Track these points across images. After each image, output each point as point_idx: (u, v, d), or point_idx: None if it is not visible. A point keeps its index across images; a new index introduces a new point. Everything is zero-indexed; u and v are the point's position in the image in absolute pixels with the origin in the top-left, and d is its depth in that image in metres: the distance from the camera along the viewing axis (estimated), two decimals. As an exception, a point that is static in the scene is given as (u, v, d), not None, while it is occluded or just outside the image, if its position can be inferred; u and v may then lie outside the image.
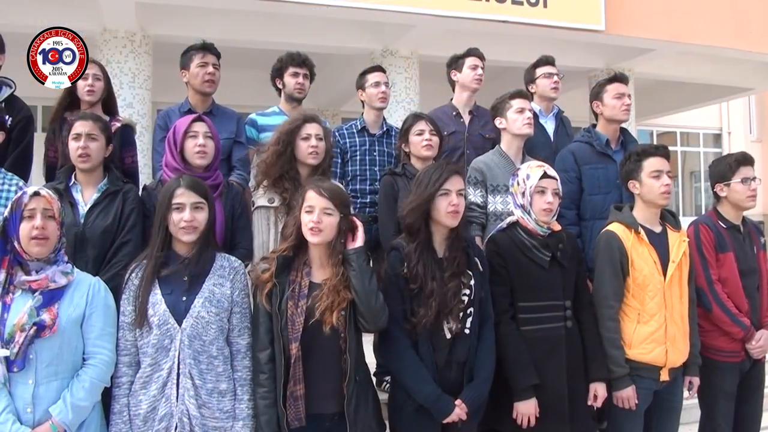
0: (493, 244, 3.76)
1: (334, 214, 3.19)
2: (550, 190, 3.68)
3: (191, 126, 3.82)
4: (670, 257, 3.87)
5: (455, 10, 7.91)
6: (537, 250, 3.67)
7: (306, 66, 5.07)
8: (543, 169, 3.72)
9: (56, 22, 7.75)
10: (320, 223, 3.16)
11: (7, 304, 2.96)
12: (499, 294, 3.64)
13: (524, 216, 3.73)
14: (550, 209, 3.67)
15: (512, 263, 3.66)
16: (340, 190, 3.34)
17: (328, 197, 3.18)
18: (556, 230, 3.78)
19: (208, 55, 4.73)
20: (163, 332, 3.08)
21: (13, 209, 2.99)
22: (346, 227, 3.26)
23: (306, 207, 3.22)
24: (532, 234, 3.71)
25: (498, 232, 3.81)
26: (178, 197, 3.18)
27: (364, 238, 3.29)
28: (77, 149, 3.72)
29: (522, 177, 3.75)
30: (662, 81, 11.19)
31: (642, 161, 3.92)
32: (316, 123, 4.04)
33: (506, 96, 4.50)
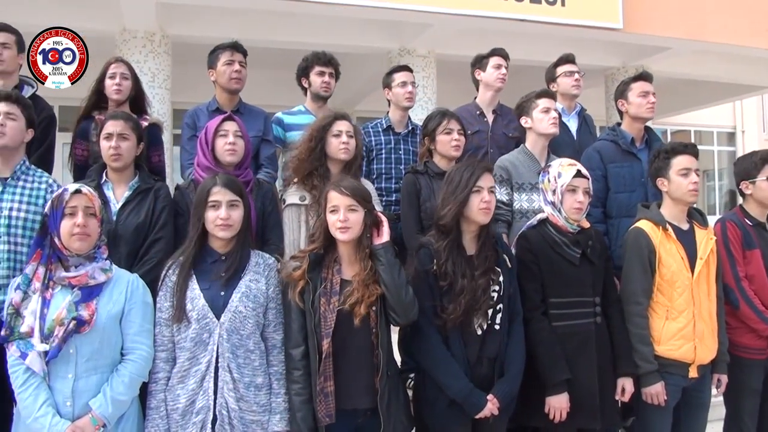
0: (525, 241, 3.79)
1: (358, 210, 3.23)
2: (581, 188, 3.71)
3: (222, 125, 3.87)
4: (697, 254, 3.90)
5: (473, 9, 7.93)
6: (567, 247, 3.70)
7: (332, 65, 5.12)
8: (576, 167, 3.74)
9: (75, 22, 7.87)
10: (347, 220, 3.20)
11: (47, 300, 3.00)
12: (531, 290, 3.67)
13: (554, 213, 3.76)
14: (581, 208, 3.70)
15: (543, 260, 3.70)
16: (361, 186, 3.38)
17: (350, 195, 3.22)
18: (585, 227, 3.80)
19: (235, 53, 4.75)
20: (202, 326, 3.12)
21: (54, 206, 3.03)
22: (371, 222, 3.29)
23: (330, 207, 3.26)
24: (562, 231, 3.74)
25: (528, 229, 3.84)
26: (214, 195, 3.22)
27: (389, 233, 3.32)
28: (109, 148, 3.77)
29: (553, 175, 3.78)
30: (677, 79, 11.17)
31: (671, 159, 3.94)
32: (346, 120, 4.10)
33: (532, 95, 4.52)
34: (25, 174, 3.76)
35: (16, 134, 3.71)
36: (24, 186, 3.72)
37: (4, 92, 3.82)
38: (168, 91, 8.29)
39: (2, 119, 3.66)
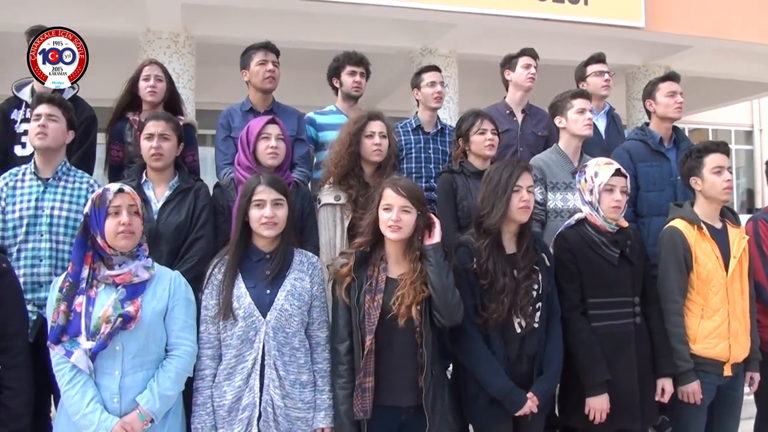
0: (563, 240, 3.80)
1: (411, 211, 3.25)
2: (618, 187, 3.72)
3: (265, 128, 3.91)
4: (731, 253, 3.91)
5: (497, 8, 7.92)
6: (606, 247, 3.71)
7: (362, 65, 5.16)
8: (613, 166, 3.76)
9: (99, 23, 7.98)
10: (399, 221, 3.22)
11: (91, 298, 3.03)
12: (570, 290, 3.69)
13: (592, 213, 3.77)
14: (619, 207, 3.71)
15: (582, 259, 3.71)
16: (417, 187, 3.39)
17: (406, 196, 3.24)
18: (623, 227, 3.82)
19: (269, 53, 4.79)
20: (249, 324, 3.16)
21: (97, 206, 3.06)
22: (423, 224, 3.31)
23: (384, 205, 3.28)
24: (601, 230, 3.75)
25: (567, 229, 3.85)
26: (258, 194, 3.26)
27: (440, 235, 3.34)
28: (150, 149, 3.82)
29: (590, 174, 3.79)
30: (697, 78, 11.15)
31: (703, 158, 3.96)
32: (380, 121, 4.14)
33: (567, 95, 4.53)
34: (66, 174, 3.84)
35: (57, 136, 3.79)
36: (65, 186, 3.80)
37: (46, 95, 3.91)
38: (192, 92, 8.31)
39: (44, 121, 3.74)
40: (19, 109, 4.55)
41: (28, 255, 3.64)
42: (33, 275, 3.64)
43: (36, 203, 3.70)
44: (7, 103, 4.62)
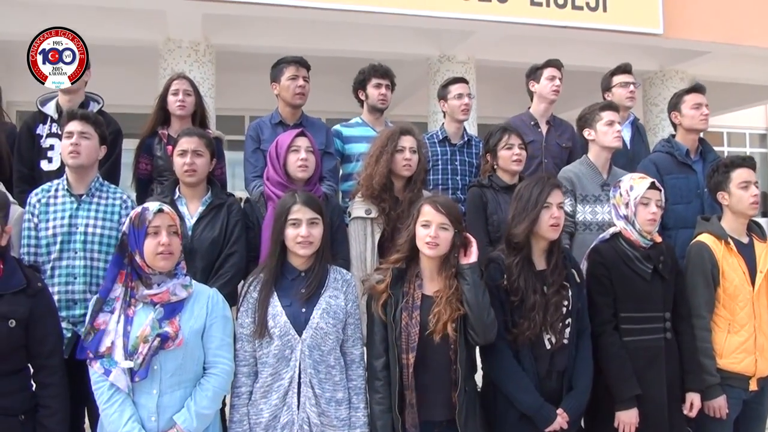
0: (597, 255, 3.81)
1: (449, 229, 3.27)
2: (654, 201, 3.73)
3: (294, 140, 3.93)
4: (757, 268, 3.92)
5: (516, 16, 7.94)
6: (639, 262, 3.72)
7: (388, 77, 5.16)
8: (648, 180, 3.78)
9: (120, 33, 8.03)
10: (437, 237, 3.24)
11: (129, 317, 3.05)
12: (603, 304, 3.70)
13: (627, 227, 3.78)
14: (654, 219, 3.72)
15: (615, 274, 3.72)
16: (455, 205, 3.41)
17: (445, 213, 3.26)
18: (657, 242, 3.83)
19: (300, 68, 4.79)
20: (284, 343, 3.18)
21: (136, 225, 3.07)
22: (459, 242, 3.33)
23: (422, 221, 3.29)
24: (635, 245, 3.76)
25: (601, 243, 3.87)
26: (294, 213, 3.27)
27: (477, 254, 3.36)
28: (183, 165, 3.85)
29: (625, 188, 3.81)
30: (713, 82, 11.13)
31: (730, 172, 3.96)
32: (411, 136, 4.14)
33: (596, 107, 4.54)
34: (99, 190, 3.85)
35: (90, 153, 3.80)
36: (99, 203, 3.81)
37: (78, 111, 3.91)
38: (213, 100, 8.37)
39: (76, 139, 3.75)
40: (44, 124, 4.54)
41: (62, 273, 3.66)
42: (67, 293, 3.66)
43: (70, 220, 3.71)
44: (32, 118, 4.62)
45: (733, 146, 16.14)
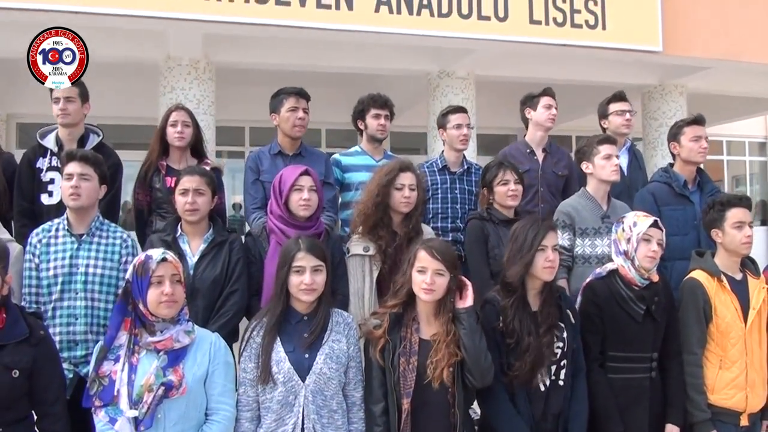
0: (591, 292, 3.84)
1: (445, 274, 3.29)
2: (655, 239, 3.75)
3: (298, 179, 3.93)
4: (750, 304, 3.95)
5: (516, 35, 7.93)
6: (633, 303, 3.74)
7: (387, 107, 5.19)
8: (653, 218, 3.80)
9: (120, 51, 8.03)
10: (433, 284, 3.26)
11: (133, 365, 3.06)
12: (592, 342, 3.74)
13: (625, 264, 3.80)
14: (654, 257, 3.74)
15: (607, 314, 3.75)
16: (450, 249, 3.43)
17: (440, 259, 3.27)
18: (654, 281, 3.84)
19: (300, 99, 4.79)
20: (288, 389, 3.19)
21: (140, 274, 3.08)
22: (455, 285, 3.35)
23: (418, 267, 3.31)
24: (630, 284, 3.78)
25: (596, 280, 3.88)
26: (298, 260, 3.29)
27: (473, 297, 3.38)
28: (185, 204, 3.86)
29: (628, 224, 3.83)
30: (713, 95, 11.17)
31: (725, 211, 3.98)
32: (410, 172, 4.15)
33: (594, 141, 4.56)
34: (99, 230, 3.86)
35: (90, 194, 3.82)
36: (99, 242, 3.82)
37: (78, 152, 3.92)
38: (213, 117, 8.35)
39: (76, 181, 3.76)
40: (44, 157, 4.56)
41: (63, 314, 3.68)
42: (69, 333, 3.67)
43: (70, 261, 3.72)
44: (32, 151, 4.63)
45: (732, 155, 16.14)
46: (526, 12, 7.95)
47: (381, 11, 7.47)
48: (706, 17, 8.76)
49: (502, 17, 7.86)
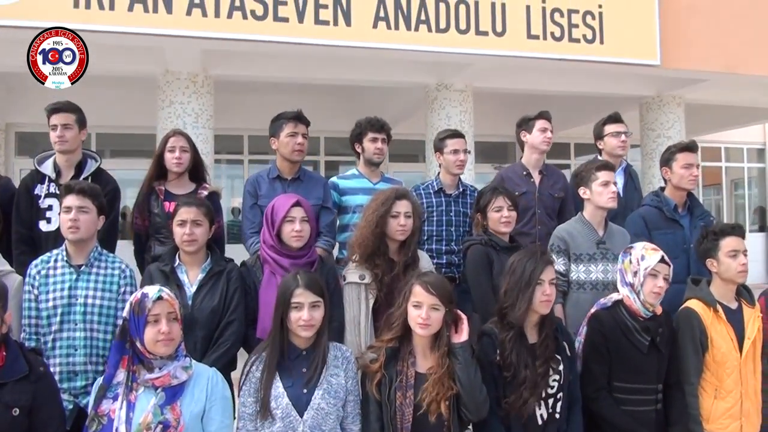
0: (597, 323, 3.87)
1: (440, 308, 3.33)
2: (662, 275, 3.78)
3: (290, 211, 3.96)
4: (745, 334, 3.98)
5: (513, 50, 7.95)
6: (638, 333, 3.78)
7: (384, 131, 5.21)
8: (660, 253, 3.82)
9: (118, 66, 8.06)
10: (429, 318, 3.30)
11: (131, 403, 3.08)
12: (598, 372, 3.78)
13: (630, 295, 3.84)
14: (660, 293, 3.78)
15: (613, 344, 3.79)
16: (446, 284, 3.45)
17: (436, 294, 3.31)
18: (657, 313, 3.88)
19: (299, 124, 4.82)
20: (286, 424, 3.22)
21: (136, 312, 3.10)
22: (450, 319, 3.39)
23: (414, 302, 3.35)
24: (635, 315, 3.82)
25: (602, 310, 3.91)
26: (296, 297, 3.32)
27: (468, 331, 3.41)
28: (183, 235, 3.88)
29: (636, 257, 3.85)
30: (711, 105, 11.20)
31: (719, 240, 4.01)
32: (406, 200, 4.17)
33: (592, 167, 4.58)
34: (98, 260, 3.87)
35: (89, 226, 3.83)
36: (98, 273, 3.83)
37: (76, 185, 3.91)
38: (211, 131, 8.38)
39: (75, 214, 3.77)
40: (42, 184, 4.57)
41: (63, 344, 3.69)
42: (68, 364, 3.68)
43: (69, 292, 3.73)
44: (30, 178, 4.65)
45: (731, 161, 16.15)
46: (523, 27, 7.98)
47: (379, 27, 7.50)
48: (703, 31, 8.77)
49: (499, 32, 7.88)
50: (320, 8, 7.31)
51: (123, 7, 6.75)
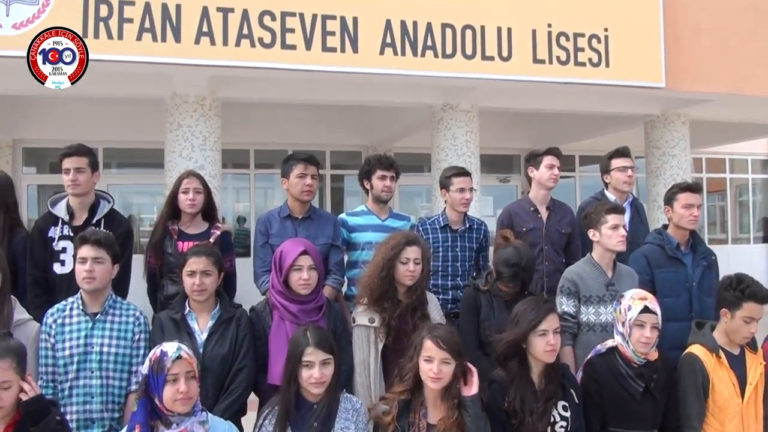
0: (591, 369, 3.94)
1: (451, 362, 3.40)
2: (649, 324, 3.83)
3: (297, 259, 4.02)
4: (747, 379, 4.03)
5: (519, 74, 7.99)
6: (632, 380, 3.85)
7: (393, 168, 5.26)
8: (644, 303, 3.86)
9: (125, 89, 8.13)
10: (440, 372, 3.38)
11: None
12: (592, 418, 3.84)
13: (623, 343, 3.90)
14: (648, 343, 3.82)
15: (607, 391, 3.85)
16: (455, 338, 3.53)
17: (446, 349, 3.39)
18: (652, 359, 3.93)
19: (309, 166, 4.90)
20: None
21: (155, 371, 3.17)
22: (460, 372, 3.46)
23: (425, 356, 3.43)
24: (629, 362, 3.88)
25: (596, 356, 3.98)
26: (307, 356, 3.41)
27: (478, 384, 3.48)
28: (193, 285, 3.95)
29: (623, 307, 3.92)
30: (716, 122, 11.22)
31: (741, 302, 3.98)
32: (416, 246, 4.21)
33: (602, 209, 4.61)
34: (113, 308, 3.94)
35: (104, 276, 3.90)
36: (113, 321, 3.90)
37: (90, 236, 3.96)
38: (219, 153, 8.41)
39: (90, 265, 3.83)
40: (55, 226, 4.64)
41: (79, 392, 3.75)
42: (85, 412, 3.75)
43: (85, 340, 3.80)
44: (43, 221, 4.72)
45: (735, 172, 16.18)
46: (529, 51, 8.00)
47: (386, 53, 7.53)
48: (708, 53, 8.80)
49: (505, 56, 7.91)
50: (327, 35, 7.35)
51: (132, 36, 6.79)
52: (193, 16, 6.98)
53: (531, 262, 4.43)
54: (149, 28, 6.84)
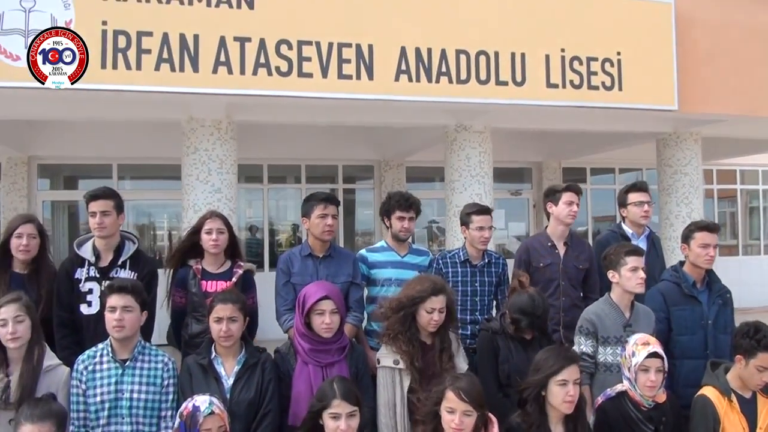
0: (602, 414, 4.04)
1: (472, 414, 3.48)
2: (653, 368, 3.92)
3: (318, 303, 4.10)
4: (757, 423, 4.10)
5: (533, 99, 8.05)
6: (642, 423, 3.95)
7: (413, 209, 5.33)
8: (648, 349, 3.95)
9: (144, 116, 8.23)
10: (462, 423, 3.46)
11: None
12: None
13: (631, 388, 4.00)
14: (653, 387, 3.92)
15: None
16: (478, 389, 3.60)
17: (468, 401, 3.48)
18: (660, 401, 4.02)
19: (329, 206, 4.99)
20: None
21: (188, 425, 3.28)
22: (482, 422, 3.54)
23: (447, 407, 3.52)
24: (638, 405, 3.97)
25: (607, 400, 4.09)
26: (334, 408, 3.50)
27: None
28: (219, 331, 4.03)
29: (628, 352, 4.02)
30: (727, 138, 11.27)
31: (757, 352, 4.05)
32: (442, 296, 4.22)
33: (621, 251, 4.67)
34: (141, 354, 4.03)
35: (133, 324, 3.98)
36: (143, 367, 3.98)
37: (119, 285, 4.04)
38: (235, 176, 8.49)
39: (119, 314, 3.92)
40: (81, 268, 4.72)
41: (111, 438, 3.85)
42: (117, 457, 3.85)
43: (116, 387, 3.89)
44: (69, 262, 4.80)
45: (746, 184, 16.16)
46: (543, 76, 8.07)
47: (401, 80, 7.61)
48: (721, 76, 8.84)
49: (519, 81, 7.98)
50: (343, 63, 7.43)
51: (150, 67, 6.86)
52: (210, 46, 7.07)
53: (545, 310, 4.51)
54: (167, 59, 6.91)
